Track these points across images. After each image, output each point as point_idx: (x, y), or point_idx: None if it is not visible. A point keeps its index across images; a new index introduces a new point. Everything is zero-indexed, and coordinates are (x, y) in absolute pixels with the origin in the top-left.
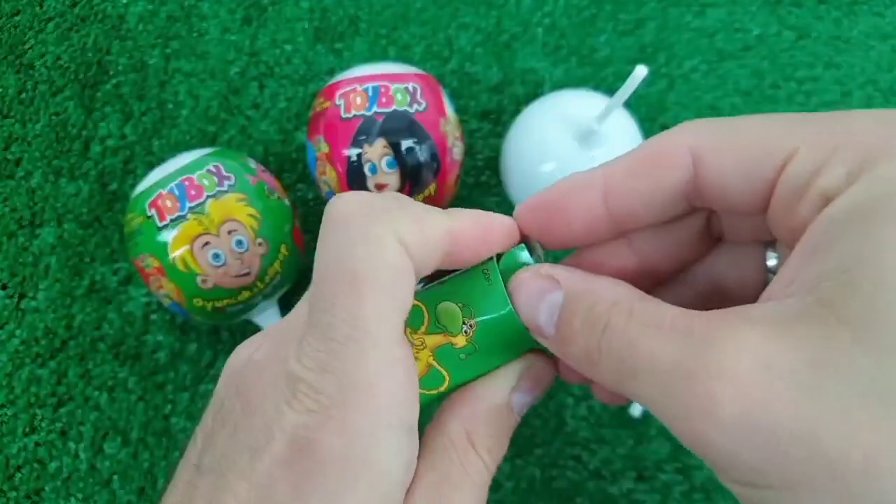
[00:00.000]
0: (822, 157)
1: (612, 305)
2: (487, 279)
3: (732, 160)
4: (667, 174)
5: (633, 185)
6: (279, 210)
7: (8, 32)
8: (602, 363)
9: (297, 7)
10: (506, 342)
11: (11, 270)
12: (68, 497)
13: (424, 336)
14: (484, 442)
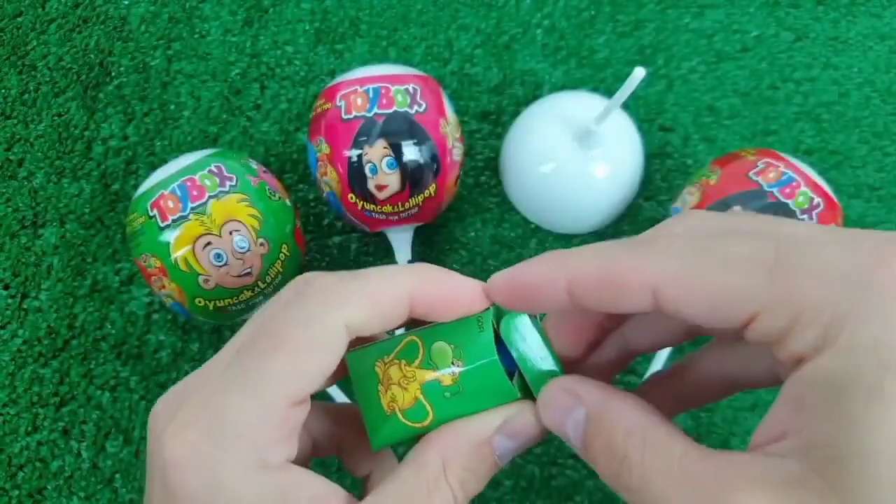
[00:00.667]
0: (786, 321)
1: (627, 436)
2: (480, 327)
3: (693, 308)
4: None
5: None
6: (280, 210)
7: (10, 33)
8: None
9: (298, 9)
10: (489, 389)
11: (14, 270)
12: (70, 496)
13: (416, 370)
14: (458, 473)
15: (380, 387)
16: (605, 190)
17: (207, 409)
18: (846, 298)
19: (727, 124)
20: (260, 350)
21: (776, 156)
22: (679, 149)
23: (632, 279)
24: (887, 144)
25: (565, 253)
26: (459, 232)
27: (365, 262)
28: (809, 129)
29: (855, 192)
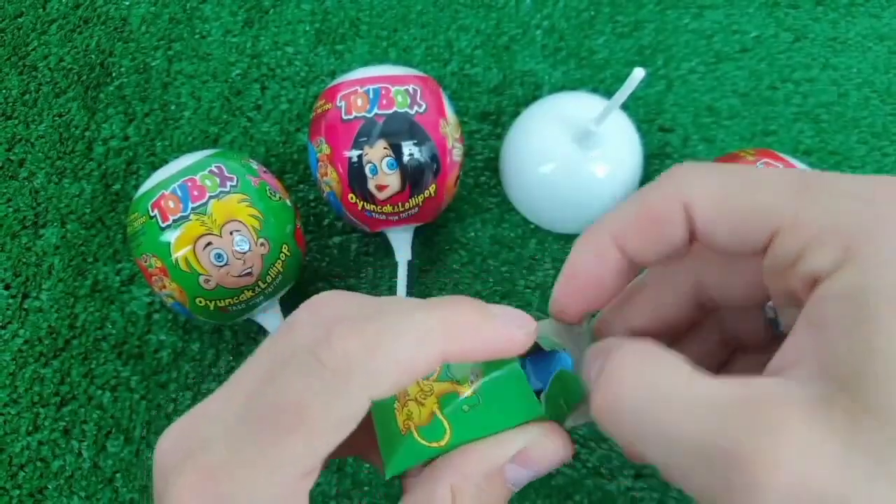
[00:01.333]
0: (805, 238)
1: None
2: None
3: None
4: (668, 230)
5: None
6: (281, 210)
7: (11, 34)
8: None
9: (299, 9)
10: (511, 403)
11: (15, 270)
12: (71, 495)
13: (434, 383)
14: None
15: (396, 404)
16: (605, 190)
17: (214, 482)
18: (868, 217)
19: (726, 125)
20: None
21: (775, 156)
22: (678, 149)
23: (664, 205)
24: (886, 145)
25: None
26: (459, 232)
27: (365, 262)
28: (808, 130)
29: None
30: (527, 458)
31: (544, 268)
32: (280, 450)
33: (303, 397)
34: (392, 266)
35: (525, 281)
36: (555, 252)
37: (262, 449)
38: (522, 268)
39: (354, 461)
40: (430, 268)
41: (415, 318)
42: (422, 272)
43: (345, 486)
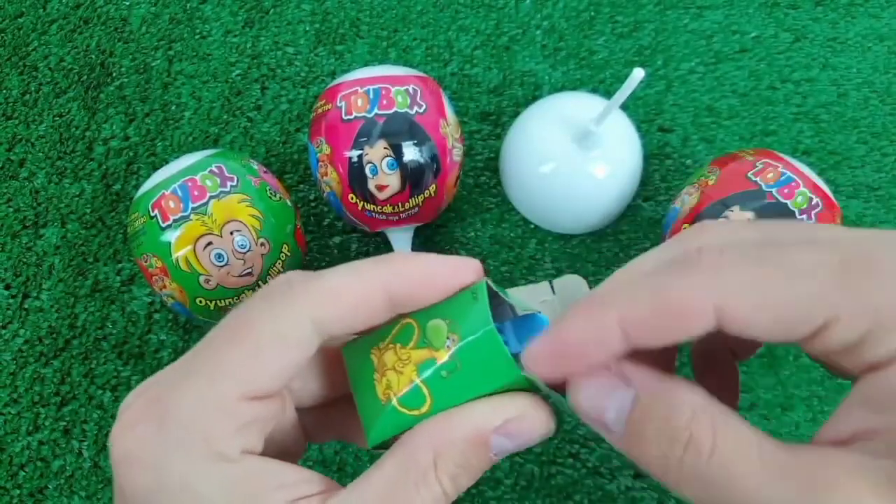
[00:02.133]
0: (863, 329)
1: (692, 419)
2: (475, 297)
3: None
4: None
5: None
6: (281, 210)
7: (12, 34)
8: (682, 479)
9: (299, 10)
10: (488, 365)
11: (15, 270)
12: (71, 495)
13: (411, 351)
14: (449, 469)
15: (375, 375)
16: (605, 190)
17: (157, 403)
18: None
19: (726, 125)
20: (218, 342)
21: (775, 156)
22: (678, 149)
23: (693, 305)
24: (886, 145)
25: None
26: (459, 232)
27: None
28: (808, 130)
29: (853, 192)
30: (514, 428)
31: (544, 268)
32: (221, 360)
33: (247, 318)
34: None
35: (525, 281)
36: (555, 252)
37: (203, 364)
38: (522, 268)
39: (354, 461)
40: None
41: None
42: None
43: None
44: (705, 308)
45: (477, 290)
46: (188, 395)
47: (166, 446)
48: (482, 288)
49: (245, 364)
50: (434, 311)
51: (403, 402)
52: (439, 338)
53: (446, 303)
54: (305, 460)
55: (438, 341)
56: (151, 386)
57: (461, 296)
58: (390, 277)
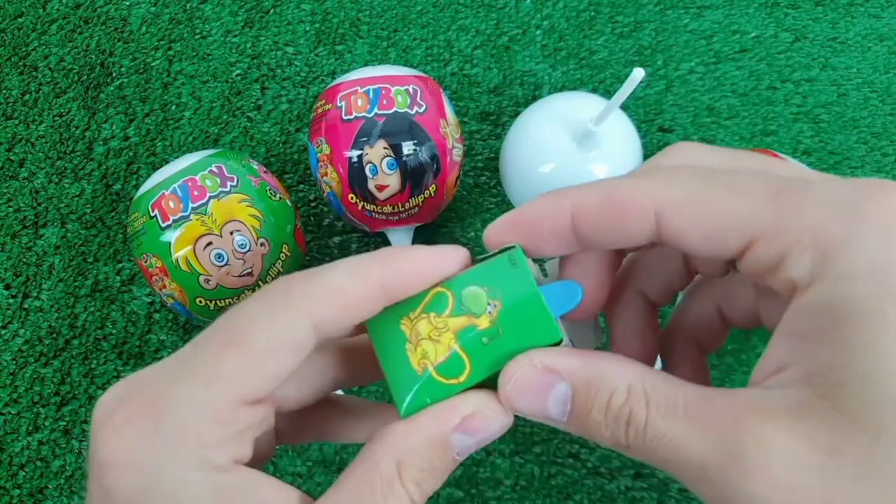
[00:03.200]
0: (782, 247)
1: (629, 395)
2: (513, 264)
3: (695, 232)
4: (630, 225)
5: (600, 224)
6: (281, 210)
7: (12, 34)
8: (633, 453)
9: (299, 10)
10: (530, 328)
11: (15, 270)
12: (71, 495)
13: (448, 318)
14: (413, 474)
15: (408, 345)
16: None
17: (150, 405)
18: (844, 226)
19: (726, 125)
20: (215, 345)
21: (775, 156)
22: None
23: (635, 204)
24: (886, 145)
25: (565, 189)
26: (459, 232)
27: None
28: (808, 130)
29: None
30: (472, 424)
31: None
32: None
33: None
34: None
35: None
36: None
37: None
38: None
39: None
40: None
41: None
42: None
43: None
44: (645, 208)
45: (515, 256)
46: (183, 398)
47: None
48: (520, 254)
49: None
50: (467, 279)
51: (441, 370)
52: (479, 304)
53: (479, 270)
54: (306, 460)
55: (479, 308)
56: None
57: (497, 261)
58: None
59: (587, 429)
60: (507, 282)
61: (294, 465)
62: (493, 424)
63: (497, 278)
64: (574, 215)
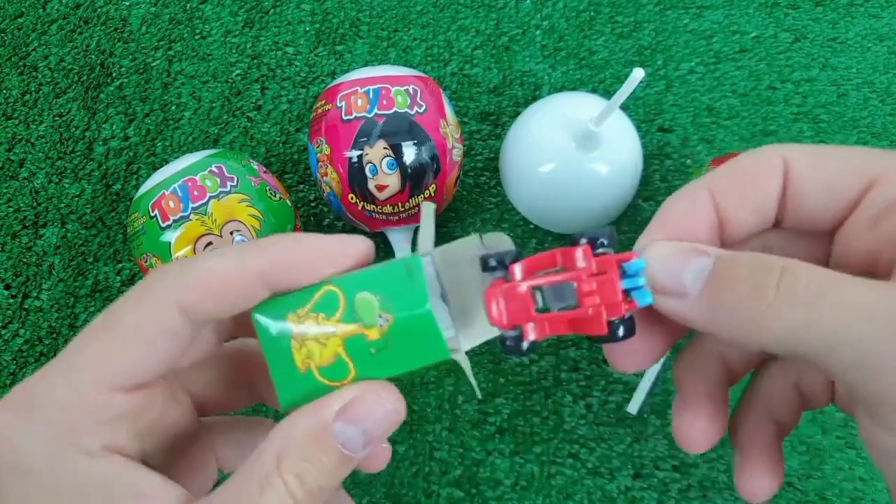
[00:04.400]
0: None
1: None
2: (409, 274)
3: (820, 174)
4: (764, 183)
5: (738, 192)
6: (281, 211)
7: (12, 34)
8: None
9: (299, 10)
10: (420, 344)
11: (15, 270)
12: None
13: (337, 323)
14: (293, 466)
15: (293, 342)
16: (605, 190)
17: (24, 391)
18: None
19: (726, 125)
20: (86, 335)
21: None
22: (678, 149)
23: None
24: (886, 145)
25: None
26: (459, 232)
27: None
28: (808, 130)
29: None
30: (354, 411)
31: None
32: (84, 351)
33: (116, 307)
34: None
35: None
36: None
37: (72, 352)
38: None
39: None
40: None
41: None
42: None
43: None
44: (774, 162)
45: (412, 266)
46: (53, 385)
47: (30, 431)
48: (418, 266)
49: (108, 355)
50: (360, 281)
51: (325, 373)
52: (371, 314)
53: (373, 271)
54: None
55: (370, 318)
56: (26, 380)
57: (392, 266)
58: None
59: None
60: (402, 294)
61: None
62: (377, 410)
63: (391, 288)
64: (713, 190)
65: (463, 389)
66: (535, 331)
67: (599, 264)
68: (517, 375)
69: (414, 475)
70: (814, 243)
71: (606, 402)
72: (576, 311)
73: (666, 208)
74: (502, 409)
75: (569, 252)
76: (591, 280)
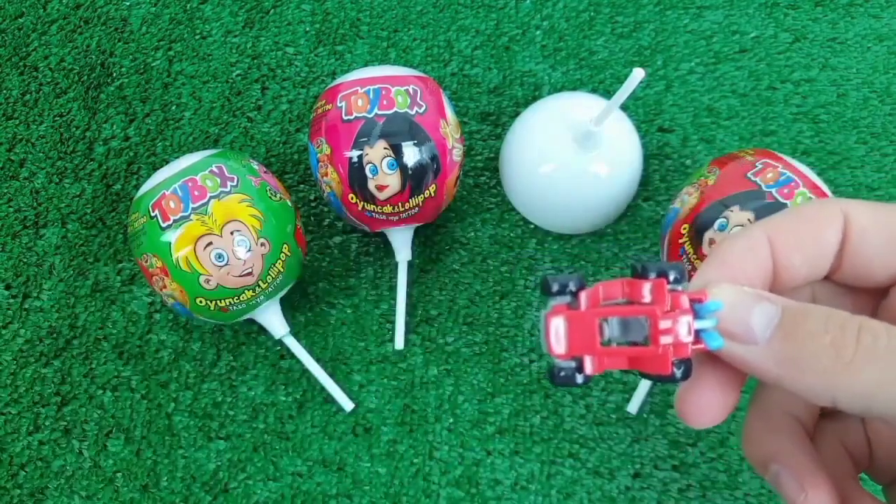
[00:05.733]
0: None
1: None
2: None
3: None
4: (825, 229)
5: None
6: (281, 210)
7: (12, 34)
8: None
9: (299, 10)
10: None
11: (16, 270)
12: (72, 495)
13: None
14: None
15: None
16: (605, 190)
17: None
18: None
19: (726, 125)
20: None
21: (774, 156)
22: (678, 149)
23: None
24: (885, 145)
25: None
26: (459, 232)
27: (365, 262)
28: (808, 130)
29: (853, 192)
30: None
31: (544, 268)
32: None
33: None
34: (392, 266)
35: (525, 281)
36: (554, 252)
37: None
38: (522, 268)
39: (355, 461)
40: (430, 268)
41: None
42: (422, 272)
43: (345, 486)
44: (833, 211)
45: None
46: None
47: None
48: None
49: None
50: None
51: None
52: None
53: None
54: (306, 460)
55: None
56: None
57: None
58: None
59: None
60: None
61: (294, 465)
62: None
63: None
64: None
65: (463, 389)
66: (592, 364)
67: (672, 301)
68: (517, 375)
69: (414, 475)
70: (861, 298)
71: (606, 401)
72: (643, 349)
73: (723, 248)
74: (502, 409)
75: (636, 284)
76: (667, 317)
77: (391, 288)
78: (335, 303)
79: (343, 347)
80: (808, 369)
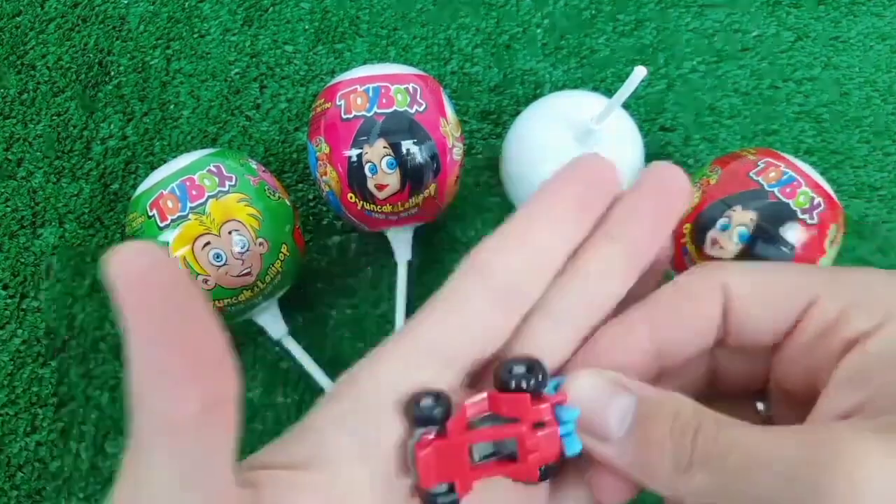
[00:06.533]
0: (843, 308)
1: (696, 412)
2: None
3: (759, 296)
4: (704, 305)
5: (675, 321)
6: (280, 210)
7: (9, 33)
8: (694, 468)
9: (298, 8)
10: None
11: (13, 270)
12: (69, 496)
13: None
14: None
15: None
16: None
17: None
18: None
19: (728, 124)
20: None
21: (777, 155)
22: (680, 148)
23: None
24: (888, 144)
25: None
26: (459, 232)
27: (364, 261)
28: (810, 129)
29: (856, 191)
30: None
31: None
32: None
33: None
34: (392, 266)
35: None
36: None
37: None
38: None
39: None
40: (431, 268)
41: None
42: (422, 272)
43: None
44: (712, 285)
45: None
46: None
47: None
48: None
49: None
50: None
51: None
52: None
53: None
54: None
55: None
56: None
57: None
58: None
59: (644, 445)
60: None
61: None
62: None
63: None
64: (652, 318)
65: None
66: (465, 484)
67: (535, 411)
68: None
69: None
70: (757, 356)
71: None
72: (514, 465)
73: (598, 334)
74: None
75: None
76: (533, 435)
77: (390, 288)
78: (334, 303)
79: (342, 348)
80: (654, 476)
